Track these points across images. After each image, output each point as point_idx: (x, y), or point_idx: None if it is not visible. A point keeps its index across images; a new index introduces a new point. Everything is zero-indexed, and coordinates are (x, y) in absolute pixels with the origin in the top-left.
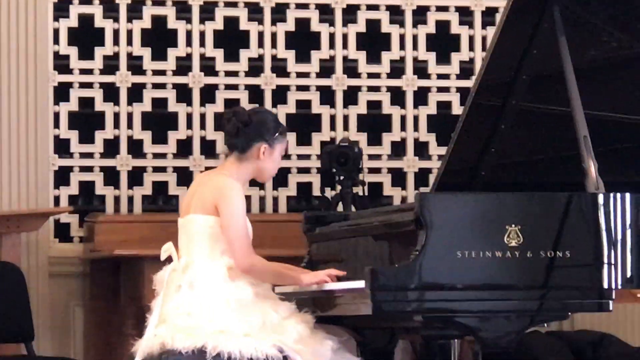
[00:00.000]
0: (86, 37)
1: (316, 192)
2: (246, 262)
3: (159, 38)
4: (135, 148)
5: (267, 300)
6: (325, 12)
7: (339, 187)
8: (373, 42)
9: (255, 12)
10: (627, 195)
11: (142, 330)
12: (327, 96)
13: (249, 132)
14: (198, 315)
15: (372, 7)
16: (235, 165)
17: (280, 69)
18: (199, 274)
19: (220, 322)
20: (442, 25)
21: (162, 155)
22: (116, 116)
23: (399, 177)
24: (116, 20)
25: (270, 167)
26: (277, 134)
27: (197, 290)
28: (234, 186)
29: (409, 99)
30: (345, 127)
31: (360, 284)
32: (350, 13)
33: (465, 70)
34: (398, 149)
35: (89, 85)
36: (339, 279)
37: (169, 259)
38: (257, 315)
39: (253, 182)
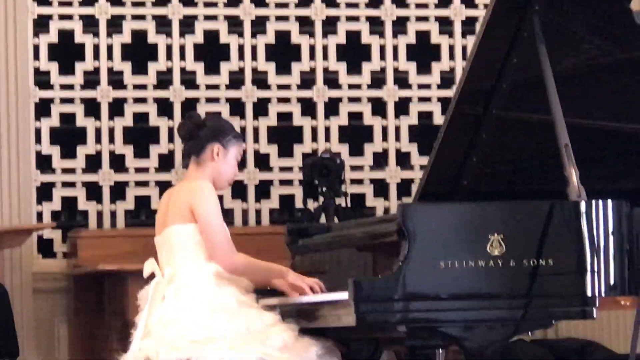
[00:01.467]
0: (66, 52)
1: (299, 204)
2: (228, 260)
3: (139, 52)
4: (117, 163)
5: (252, 308)
6: (305, 24)
7: (321, 199)
8: (353, 53)
9: (235, 25)
10: (609, 202)
11: (127, 345)
12: (308, 108)
13: (202, 134)
14: (182, 324)
15: (352, 19)
16: (195, 170)
17: (261, 81)
18: (185, 283)
19: (205, 331)
20: (422, 35)
21: (144, 170)
22: (97, 131)
23: (381, 188)
24: (96, 35)
25: (226, 170)
26: (230, 136)
27: (182, 299)
28: (204, 186)
29: (390, 110)
30: (327, 139)
31: (343, 295)
32: (330, 24)
33: (446, 79)
34: (380, 160)
35: (70, 100)
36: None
37: (152, 275)
38: (241, 322)
39: (235, 195)
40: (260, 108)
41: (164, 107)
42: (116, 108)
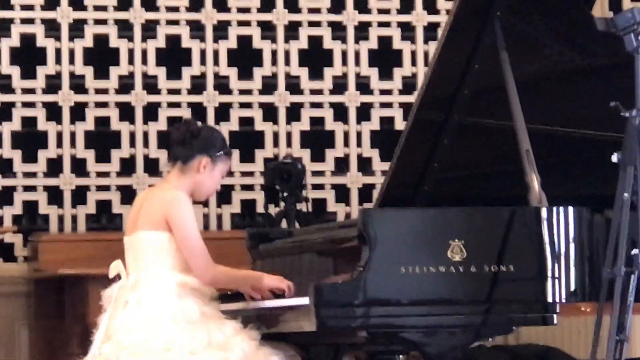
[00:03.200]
0: (28, 56)
1: (260, 209)
2: (207, 275)
3: (101, 57)
4: (79, 167)
5: (213, 319)
6: (267, 29)
7: (282, 204)
8: (315, 58)
9: (197, 30)
10: (570, 208)
11: (87, 349)
12: (269, 113)
13: (194, 143)
14: (143, 331)
15: (313, 24)
16: (177, 176)
17: (222, 86)
18: (148, 291)
19: (166, 339)
20: (384, 41)
21: (106, 174)
22: (59, 135)
23: (342, 193)
24: (58, 39)
25: (208, 184)
26: (221, 152)
27: (144, 307)
28: (181, 198)
29: (352, 115)
30: (289, 144)
31: (304, 300)
32: (292, 30)
33: (408, 85)
34: (341, 165)
35: (31, 104)
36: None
37: (118, 277)
38: (202, 335)
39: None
40: (222, 113)
41: (126, 112)
42: (78, 112)
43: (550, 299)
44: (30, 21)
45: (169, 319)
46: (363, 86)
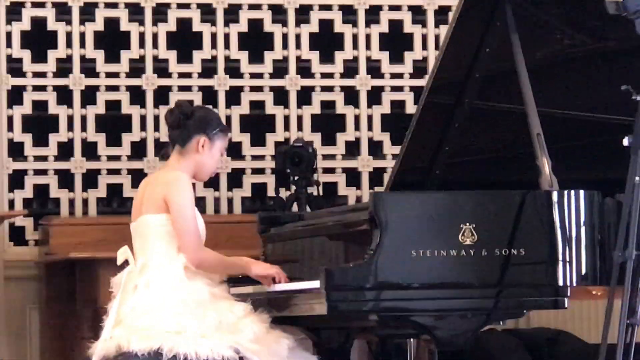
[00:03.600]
0: (39, 40)
1: (271, 192)
2: (196, 256)
3: (112, 40)
4: (90, 151)
5: (223, 300)
6: (278, 13)
7: (293, 188)
8: (326, 42)
9: (208, 14)
10: (581, 192)
11: (98, 333)
12: (280, 97)
13: (190, 124)
14: (154, 314)
15: (324, 7)
16: (177, 159)
17: (233, 70)
18: (156, 274)
19: (176, 322)
20: (395, 25)
21: (116, 158)
22: (70, 119)
23: (353, 177)
24: (69, 22)
25: (208, 163)
26: (217, 130)
27: (153, 290)
28: (180, 177)
29: (363, 99)
30: (299, 128)
31: (315, 284)
32: (303, 13)
33: (419, 69)
34: (352, 149)
35: (42, 88)
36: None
37: (126, 263)
38: (213, 315)
39: (207, 184)
40: (233, 96)
41: (137, 95)
42: (89, 96)
43: (561, 283)
44: (41, 5)
45: (179, 301)
46: (374, 70)
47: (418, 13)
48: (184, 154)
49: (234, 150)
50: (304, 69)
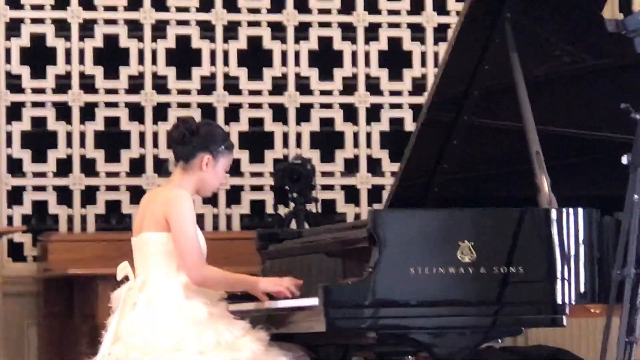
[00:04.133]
0: (38, 56)
1: (269, 209)
2: (198, 274)
3: (111, 57)
4: (88, 167)
5: (222, 319)
6: (277, 30)
7: (292, 205)
8: (325, 59)
9: (207, 30)
10: (580, 210)
11: (96, 349)
12: (279, 113)
13: (194, 141)
14: (152, 332)
15: (324, 25)
16: (180, 176)
17: (232, 86)
18: (156, 292)
19: (175, 340)
20: (394, 42)
21: (115, 174)
22: (69, 135)
23: (352, 194)
24: (68, 39)
25: (212, 181)
26: (222, 147)
27: (152, 308)
28: (181, 195)
29: (362, 116)
30: (298, 144)
31: (313, 301)
32: (302, 30)
33: (418, 86)
34: (351, 166)
35: (41, 104)
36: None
37: (126, 278)
38: (211, 334)
39: (206, 200)
40: (232, 113)
41: (135, 112)
42: (87, 112)
43: (559, 301)
44: (40, 21)
45: (178, 320)
46: (373, 87)
47: (417, 30)
48: (187, 171)
49: (232, 167)
50: (303, 86)
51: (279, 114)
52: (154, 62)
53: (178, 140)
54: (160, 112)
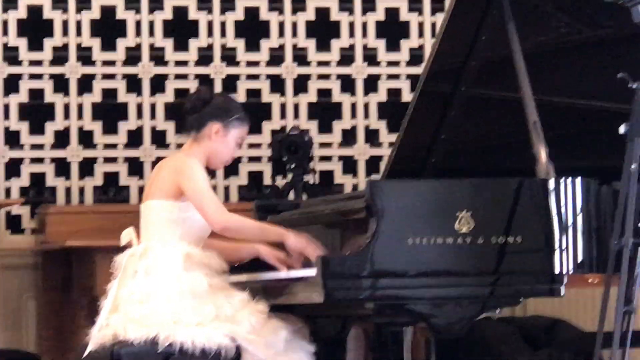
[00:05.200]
0: (35, 28)
1: (267, 180)
2: (220, 219)
3: (108, 28)
4: (86, 139)
5: (221, 291)
6: (275, 1)
7: (289, 176)
8: (322, 30)
9: (204, 1)
10: (578, 180)
11: (94, 321)
12: (277, 85)
13: (205, 110)
14: (151, 303)
15: None
16: (190, 145)
17: (230, 58)
18: (156, 260)
19: (173, 311)
20: (392, 12)
21: (113, 146)
22: (66, 107)
23: (349, 165)
24: (65, 11)
25: (222, 152)
26: (233, 118)
27: (152, 277)
28: (191, 162)
29: (359, 87)
30: (296, 116)
31: (311, 271)
32: (299, 1)
33: (415, 57)
34: (348, 137)
35: (38, 76)
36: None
37: (130, 245)
38: (210, 306)
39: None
40: (229, 85)
41: (133, 84)
42: (85, 84)
43: (557, 270)
44: None
45: (177, 292)
46: (370, 58)
47: (414, 1)
48: (198, 140)
49: None
50: (301, 57)
51: (277, 85)
52: (151, 33)
53: (191, 110)
54: (158, 83)
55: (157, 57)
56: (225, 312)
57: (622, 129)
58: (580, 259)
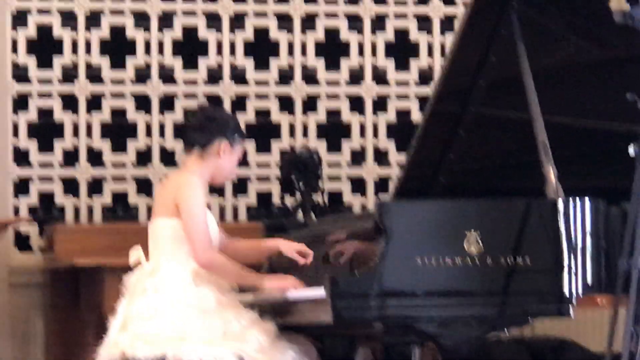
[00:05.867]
0: (45, 46)
1: (276, 200)
2: (205, 256)
3: (118, 47)
4: (95, 157)
5: (230, 308)
6: (284, 20)
7: (298, 195)
8: (332, 49)
9: (213, 21)
10: (587, 200)
11: (102, 339)
12: (286, 104)
13: (212, 127)
14: (159, 320)
15: (330, 15)
16: (196, 162)
17: (239, 77)
18: (165, 278)
19: (182, 328)
20: (401, 33)
21: (122, 165)
22: (75, 126)
23: (358, 185)
24: (74, 29)
25: (228, 168)
26: (237, 134)
27: (161, 294)
28: (192, 181)
29: (368, 106)
30: (305, 135)
31: (320, 291)
32: (308, 21)
33: (424, 77)
34: (357, 157)
35: (47, 94)
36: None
37: (139, 264)
38: (218, 323)
39: (212, 190)
40: (238, 104)
41: (142, 102)
42: (94, 103)
43: (566, 291)
44: (46, 11)
45: (185, 308)
46: (379, 77)
47: (424, 21)
48: (204, 157)
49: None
50: (310, 77)
51: (286, 104)
52: (161, 52)
53: (196, 126)
54: (167, 102)
55: (167, 76)
56: (234, 329)
57: (631, 150)
58: (589, 279)
